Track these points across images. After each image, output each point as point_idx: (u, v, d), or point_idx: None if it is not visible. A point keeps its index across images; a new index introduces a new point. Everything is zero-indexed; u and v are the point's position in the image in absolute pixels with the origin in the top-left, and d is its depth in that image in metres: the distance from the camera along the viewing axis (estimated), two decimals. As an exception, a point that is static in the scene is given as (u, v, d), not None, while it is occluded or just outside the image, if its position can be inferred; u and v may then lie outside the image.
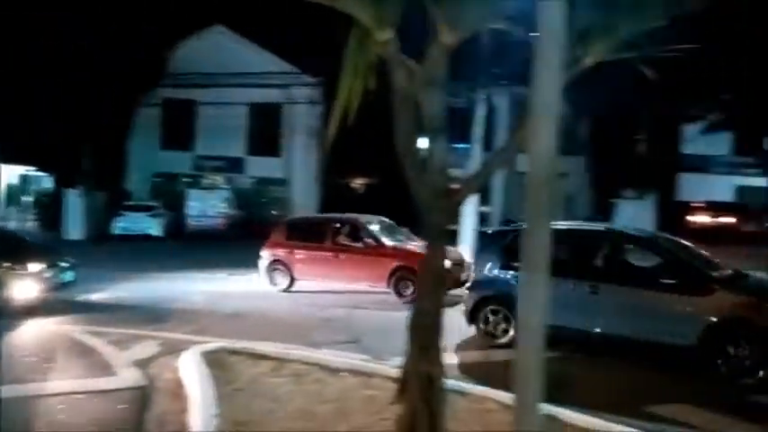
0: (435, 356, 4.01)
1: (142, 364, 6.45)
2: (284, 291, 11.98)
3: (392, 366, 5.29)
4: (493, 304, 7.83)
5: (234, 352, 6.44)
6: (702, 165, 28.16)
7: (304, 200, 26.33)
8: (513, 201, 22.44)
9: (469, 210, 16.81)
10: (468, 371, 6.49)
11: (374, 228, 12.13)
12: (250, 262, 12.77)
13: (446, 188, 4.03)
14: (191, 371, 5.68)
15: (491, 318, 7.81)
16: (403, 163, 4.08)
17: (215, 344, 6.82)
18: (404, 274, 10.91)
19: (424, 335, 4.03)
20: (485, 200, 21.00)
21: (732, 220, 24.04)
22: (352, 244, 11.89)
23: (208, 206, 24.19)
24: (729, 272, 7.38)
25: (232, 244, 21.31)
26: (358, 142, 17.08)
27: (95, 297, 10.65)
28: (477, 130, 17.57)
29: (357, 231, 12.03)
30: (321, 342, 7.65)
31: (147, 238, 21.78)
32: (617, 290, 7.15)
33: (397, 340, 4.33)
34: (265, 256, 12.40)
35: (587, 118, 24.00)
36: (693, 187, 26.58)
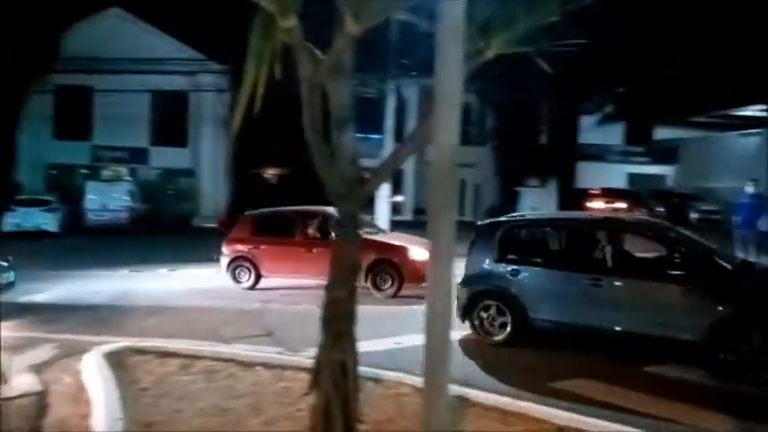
0: (348, 345, 4.04)
1: (39, 368, 6.05)
2: (250, 288, 11.40)
3: (307, 357, 5.28)
4: (488, 299, 7.38)
5: (140, 351, 6.18)
6: (598, 154, 30.03)
7: (213, 191, 25.58)
8: (425, 190, 22.93)
9: (382, 199, 17.03)
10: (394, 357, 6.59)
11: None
12: (167, 257, 12.17)
13: (356, 178, 4.06)
14: (93, 373, 5.40)
15: (486, 314, 7.34)
16: (312, 153, 4.07)
17: (119, 344, 6.50)
18: (382, 268, 10.59)
19: (338, 324, 4.05)
20: (397, 189, 21.32)
21: (624, 205, 25.75)
22: (325, 237, 11.29)
23: (108, 199, 22.87)
24: (737, 260, 7.12)
25: (136, 238, 20.35)
26: (270, 132, 16.83)
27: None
28: (389, 120, 17.77)
29: (329, 224, 11.44)
30: (235, 336, 7.49)
31: (42, 234, 20.31)
32: (620, 282, 6.70)
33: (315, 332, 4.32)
34: (227, 252, 11.74)
35: (494, 110, 24.91)
36: (590, 175, 28.27)
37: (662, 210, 25.56)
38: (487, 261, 7.55)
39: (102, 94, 25.05)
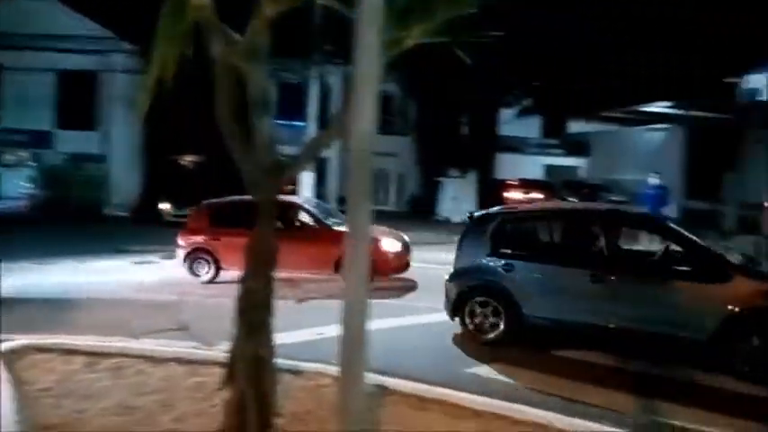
0: (264, 337, 3.94)
1: None
2: (209, 282, 10.75)
3: (223, 351, 5.11)
4: (480, 295, 6.99)
5: (42, 349, 5.77)
6: (516, 146, 31.06)
7: (125, 178, 24.36)
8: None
9: (306, 188, 16.81)
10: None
11: (314, 210, 11.35)
12: (74, 247, 11.38)
13: (273, 165, 3.94)
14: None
15: (478, 310, 6.96)
16: (226, 138, 3.91)
17: (19, 341, 6.04)
18: None
19: (253, 315, 3.94)
20: (321, 178, 21.13)
21: (541, 195, 26.77)
22: (292, 228, 10.86)
23: (7, 186, 21.26)
24: (741, 257, 6.84)
25: (41, 228, 19.07)
26: (188, 116, 16.16)
27: None
28: (311, 107, 17.56)
29: (296, 214, 11.14)
30: (147, 331, 7.14)
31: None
32: (622, 278, 6.37)
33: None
34: (184, 243, 11.05)
35: (416, 100, 25.14)
36: (509, 166, 29.20)
37: (574, 200, 26.77)
38: (479, 255, 7.16)
39: (11, 73, 23.19)
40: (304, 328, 7.17)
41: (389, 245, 10.44)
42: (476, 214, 8.07)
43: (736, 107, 13.65)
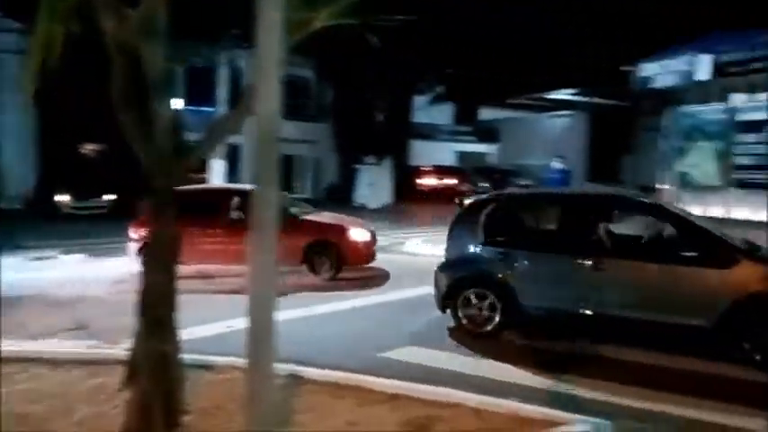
0: (168, 333, 3.75)
1: None
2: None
3: (124, 350, 4.84)
4: (473, 287, 6.64)
5: None
6: (430, 132, 31.58)
7: (19, 168, 22.58)
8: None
9: (217, 176, 16.28)
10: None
11: (280, 199, 10.86)
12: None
13: (173, 150, 3.74)
14: None
15: (472, 302, 6.61)
16: (122, 123, 3.67)
17: None
18: (320, 249, 9.89)
19: (156, 310, 3.74)
20: (233, 166, 20.50)
21: (454, 181, 27.38)
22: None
23: None
24: (743, 240, 6.45)
25: None
26: (87, 101, 15.12)
27: None
28: (221, 92, 16.98)
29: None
30: (44, 332, 6.65)
31: None
32: (626, 265, 6.09)
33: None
34: (136, 236, 10.12)
35: (331, 86, 24.92)
36: (423, 152, 29.66)
37: (486, 185, 27.60)
38: (472, 243, 6.80)
39: None
40: (215, 321, 6.95)
41: (358, 234, 10.19)
42: (467, 201, 7.63)
43: (632, 95, 14.51)
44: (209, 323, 6.93)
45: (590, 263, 6.11)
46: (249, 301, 2.79)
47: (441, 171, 28.44)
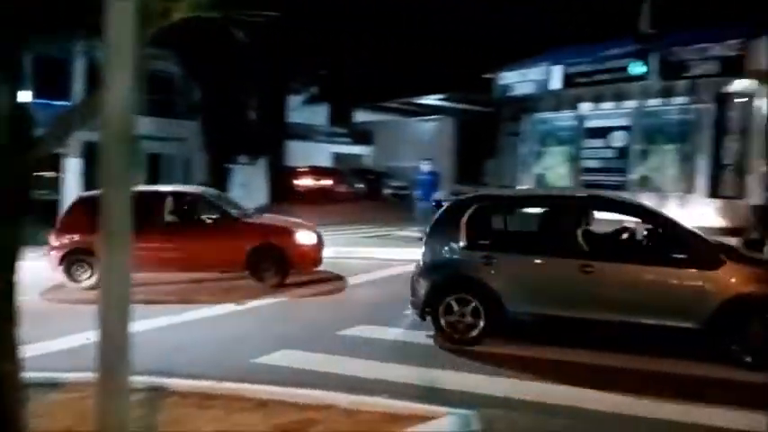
0: (7, 350, 3.36)
1: None
2: (92, 288, 8.68)
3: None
4: (456, 292, 6.33)
5: None
6: (306, 133, 31.39)
7: None
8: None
9: (72, 176, 15.00)
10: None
11: (218, 201, 9.95)
12: None
13: (9, 146, 3.35)
14: None
15: (454, 309, 6.29)
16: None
17: None
18: (264, 254, 9.20)
19: (-9, 326, 3.33)
20: (89, 165, 18.99)
21: (330, 182, 27.44)
22: (196, 222, 9.59)
23: None
24: (718, 241, 6.48)
25: None
26: None
27: None
28: (77, 85, 15.68)
29: (198, 206, 9.77)
30: None
31: None
32: (614, 267, 5.94)
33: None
34: (58, 244, 9.22)
35: (201, 83, 23.90)
36: (299, 153, 29.39)
37: (362, 186, 27.98)
38: (453, 247, 6.51)
39: None
40: (75, 333, 6.40)
41: (305, 237, 9.67)
42: (445, 203, 7.24)
43: (494, 101, 15.44)
44: (68, 335, 6.38)
45: (577, 265, 5.97)
46: (100, 309, 2.59)
47: (317, 172, 28.36)
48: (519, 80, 14.16)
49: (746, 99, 11.20)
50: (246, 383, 4.83)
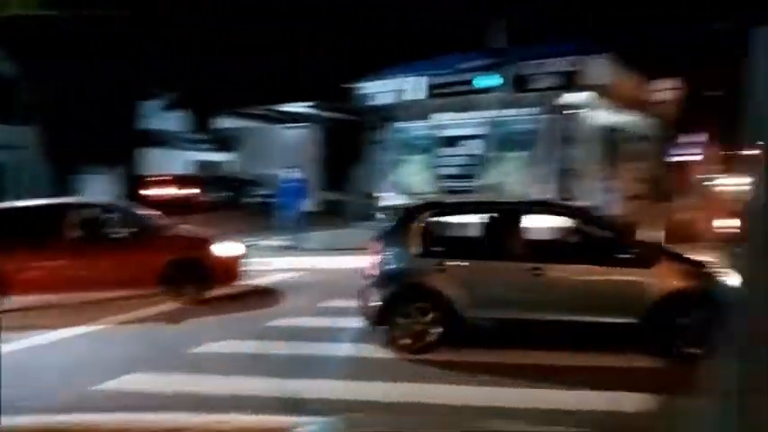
0: None
1: None
2: None
3: None
4: (411, 301, 6.31)
5: None
6: (166, 140, 29.86)
7: None
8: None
9: None
10: None
11: (129, 210, 9.30)
12: None
13: None
14: None
15: (410, 317, 6.24)
16: None
17: None
18: (184, 269, 8.37)
19: None
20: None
21: (190, 190, 26.34)
22: (99, 238, 8.69)
23: None
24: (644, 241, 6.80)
25: None
26: None
27: None
28: None
29: (108, 219, 8.88)
30: None
31: None
32: (562, 269, 6.19)
33: None
34: None
35: (42, 85, 21.81)
36: (159, 161, 27.86)
37: (224, 195, 27.14)
38: (406, 255, 6.47)
39: None
40: None
41: (223, 249, 8.89)
42: (400, 207, 7.37)
43: (357, 110, 15.66)
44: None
45: (528, 268, 6.18)
46: None
47: (175, 180, 27.05)
48: (380, 90, 14.49)
49: (583, 110, 12.39)
50: (87, 413, 4.44)
